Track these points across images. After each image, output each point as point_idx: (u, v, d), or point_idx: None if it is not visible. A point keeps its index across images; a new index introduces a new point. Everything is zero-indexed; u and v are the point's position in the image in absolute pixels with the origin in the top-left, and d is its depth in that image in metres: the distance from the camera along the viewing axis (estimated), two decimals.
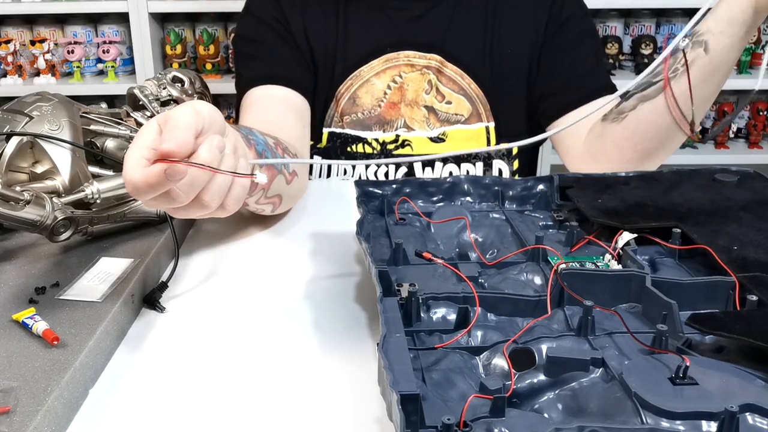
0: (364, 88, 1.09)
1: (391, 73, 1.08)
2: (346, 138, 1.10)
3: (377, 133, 1.10)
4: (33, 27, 2.25)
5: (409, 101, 1.09)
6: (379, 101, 1.09)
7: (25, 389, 0.52)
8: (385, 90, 1.09)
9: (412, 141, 1.10)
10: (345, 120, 1.10)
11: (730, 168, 0.83)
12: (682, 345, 0.54)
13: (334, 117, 1.11)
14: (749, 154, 2.29)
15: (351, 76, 1.09)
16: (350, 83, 1.09)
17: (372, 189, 0.81)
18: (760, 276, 0.60)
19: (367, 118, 1.10)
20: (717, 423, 0.44)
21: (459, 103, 1.09)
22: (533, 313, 0.60)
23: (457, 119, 1.09)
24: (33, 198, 0.68)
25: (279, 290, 0.74)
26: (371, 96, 1.09)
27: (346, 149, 1.11)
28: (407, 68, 1.08)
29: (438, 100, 1.09)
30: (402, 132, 1.09)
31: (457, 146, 1.09)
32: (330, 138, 1.11)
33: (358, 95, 1.09)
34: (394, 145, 1.10)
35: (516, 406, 0.50)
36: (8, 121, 0.75)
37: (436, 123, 1.09)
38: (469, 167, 1.11)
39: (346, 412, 0.56)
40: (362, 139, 1.10)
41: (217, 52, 2.18)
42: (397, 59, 1.08)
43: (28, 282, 0.68)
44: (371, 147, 1.10)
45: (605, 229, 0.72)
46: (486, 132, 1.10)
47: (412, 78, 1.08)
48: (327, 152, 1.12)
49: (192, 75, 0.96)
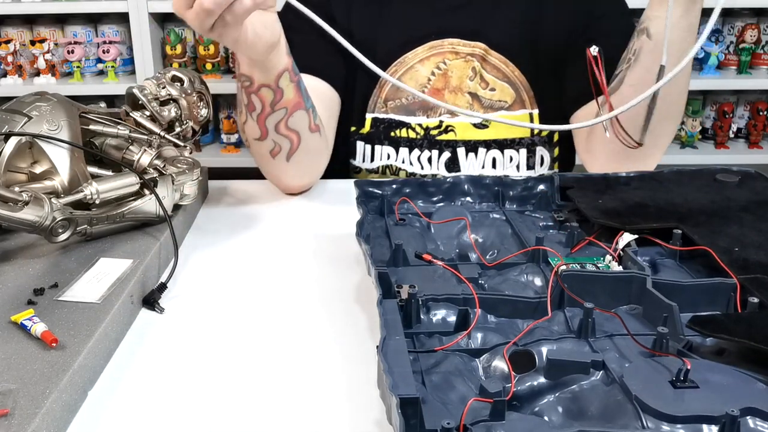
0: (408, 74, 1.11)
1: (435, 60, 1.10)
2: (390, 123, 1.12)
3: (421, 118, 1.11)
4: (33, 27, 2.25)
5: (453, 87, 1.10)
6: (423, 87, 1.10)
7: (24, 391, 0.52)
8: (429, 76, 1.10)
9: (456, 126, 1.11)
10: (389, 105, 1.12)
11: (731, 168, 0.83)
12: (682, 347, 0.54)
13: (377, 102, 1.12)
14: (749, 154, 2.28)
15: (395, 62, 1.11)
16: (394, 69, 1.11)
17: (372, 189, 0.80)
18: (762, 278, 0.60)
19: (411, 104, 1.11)
20: (718, 427, 0.44)
21: (503, 90, 1.10)
22: (533, 315, 0.60)
23: (501, 106, 1.11)
24: (31, 198, 0.68)
25: (278, 292, 0.74)
26: (415, 82, 1.10)
27: (390, 134, 1.12)
28: (451, 55, 1.10)
29: (482, 87, 1.10)
30: (445, 118, 1.11)
31: (500, 133, 1.11)
32: (373, 123, 1.13)
33: (402, 81, 1.10)
34: (438, 130, 1.11)
35: (516, 408, 0.49)
36: (7, 121, 0.75)
37: (480, 109, 1.11)
38: (512, 153, 1.12)
39: (345, 415, 0.55)
40: (406, 124, 1.11)
41: (217, 52, 2.18)
42: (441, 46, 1.10)
43: (27, 283, 0.67)
44: (415, 132, 1.11)
45: (606, 230, 0.72)
46: (530, 119, 1.11)
47: (456, 65, 1.10)
48: (370, 137, 1.13)
49: (191, 74, 0.95)
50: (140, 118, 0.86)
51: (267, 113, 0.93)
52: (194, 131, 0.93)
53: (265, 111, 0.93)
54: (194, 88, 0.93)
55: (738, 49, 2.22)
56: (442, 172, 1.12)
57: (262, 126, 0.94)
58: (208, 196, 0.99)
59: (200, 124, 0.94)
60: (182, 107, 0.90)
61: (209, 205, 0.96)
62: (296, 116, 0.94)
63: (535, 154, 1.13)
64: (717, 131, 2.29)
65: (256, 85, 0.91)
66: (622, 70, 0.96)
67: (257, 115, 0.94)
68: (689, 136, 2.27)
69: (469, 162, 1.11)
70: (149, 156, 0.81)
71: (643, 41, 0.91)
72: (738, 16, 2.24)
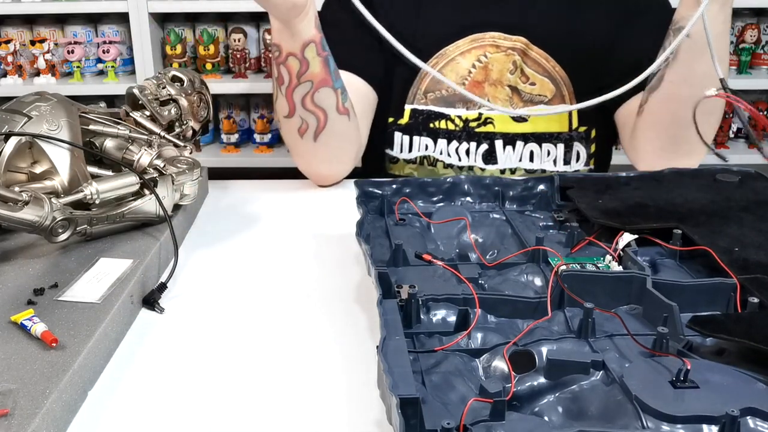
0: (449, 66, 1.11)
1: (476, 52, 1.11)
2: (429, 114, 1.13)
3: (460, 110, 1.12)
4: (33, 27, 2.25)
5: (493, 80, 1.11)
6: (464, 79, 1.11)
7: (24, 391, 0.52)
8: (469, 69, 1.11)
9: (495, 119, 1.11)
10: (429, 97, 1.12)
11: (731, 168, 0.83)
12: (682, 347, 0.54)
13: (417, 94, 1.13)
14: (749, 154, 2.28)
15: (436, 54, 1.11)
16: (435, 62, 1.11)
17: (372, 189, 0.80)
18: (761, 278, 0.60)
19: (451, 96, 1.12)
20: (718, 427, 0.44)
21: (543, 84, 1.11)
22: (533, 315, 0.60)
23: (540, 100, 1.11)
24: (31, 198, 0.68)
25: (278, 292, 0.74)
26: (456, 74, 1.11)
27: (429, 125, 1.13)
28: (492, 49, 1.11)
29: (522, 81, 1.11)
30: (485, 110, 1.11)
31: (538, 126, 1.11)
32: (412, 114, 1.14)
33: (443, 73, 1.11)
34: (477, 122, 1.12)
35: (516, 408, 0.49)
36: (7, 121, 0.75)
37: (519, 103, 1.11)
38: (549, 147, 1.12)
39: (345, 415, 0.55)
40: (445, 116, 1.12)
41: (217, 52, 2.18)
42: (482, 39, 1.11)
43: (27, 283, 0.67)
44: (454, 124, 1.12)
45: (606, 230, 0.72)
46: (569, 114, 1.12)
47: (497, 58, 1.10)
48: (409, 128, 1.14)
49: (191, 74, 0.96)
50: (140, 118, 0.86)
51: (294, 85, 0.97)
52: (194, 131, 0.93)
53: (292, 83, 0.97)
54: (194, 88, 0.94)
55: (738, 49, 2.22)
56: (479, 164, 1.13)
57: (290, 100, 0.98)
58: (208, 196, 0.99)
59: (200, 124, 0.94)
60: (182, 107, 0.90)
61: (209, 205, 0.96)
62: (322, 92, 0.98)
63: (572, 149, 1.13)
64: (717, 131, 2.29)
65: (284, 54, 0.95)
66: (662, 68, 0.98)
67: (285, 89, 0.98)
68: None
69: (506, 154, 1.12)
70: (149, 156, 0.81)
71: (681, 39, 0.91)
72: (738, 16, 2.24)
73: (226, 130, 2.24)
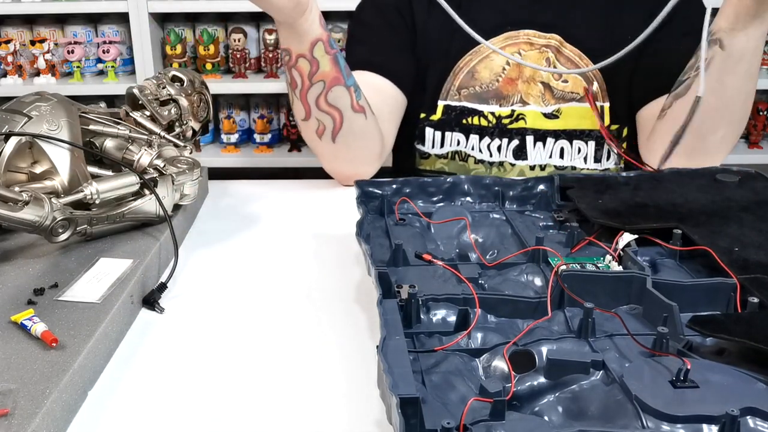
0: (483, 63, 1.12)
1: (510, 50, 1.11)
2: (462, 110, 1.13)
3: (494, 107, 1.12)
4: (33, 27, 2.25)
5: (526, 78, 1.12)
6: (498, 76, 1.12)
7: (24, 391, 0.52)
8: (504, 66, 1.12)
9: (527, 115, 1.12)
10: (462, 93, 1.13)
11: (731, 168, 0.83)
12: (682, 347, 0.54)
13: (450, 90, 1.14)
14: (749, 154, 2.28)
15: (471, 51, 1.13)
16: (470, 59, 1.12)
17: (372, 189, 0.80)
18: (761, 278, 0.60)
19: (485, 92, 1.12)
20: (718, 427, 0.44)
21: (575, 81, 1.11)
22: (533, 315, 0.60)
23: (573, 97, 1.12)
24: (32, 198, 0.68)
25: (278, 291, 0.74)
26: (490, 71, 1.12)
27: (461, 121, 1.14)
28: (526, 46, 1.11)
29: (555, 78, 1.11)
30: (518, 107, 1.12)
31: (569, 123, 1.12)
32: (445, 110, 1.14)
33: (477, 70, 1.12)
34: (509, 119, 1.12)
35: (516, 408, 0.49)
36: (7, 121, 0.75)
37: (551, 100, 1.12)
38: (580, 144, 1.12)
39: (345, 415, 0.55)
40: (479, 112, 1.13)
41: (217, 52, 2.18)
42: (517, 37, 1.12)
43: (27, 283, 0.67)
44: (486, 120, 1.12)
45: (606, 230, 0.72)
46: (600, 111, 1.12)
47: (530, 56, 1.11)
48: (441, 124, 1.15)
49: (191, 74, 0.96)
50: (140, 118, 0.86)
51: (307, 87, 0.99)
52: (194, 131, 0.93)
53: (305, 85, 0.99)
54: (194, 88, 0.94)
55: None
56: (509, 159, 1.13)
57: (305, 102, 1.00)
58: (208, 196, 0.99)
59: (200, 124, 0.94)
60: (182, 107, 0.90)
61: (209, 205, 0.96)
62: (335, 92, 0.99)
63: (603, 146, 1.13)
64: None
65: (294, 57, 0.98)
66: (690, 77, 0.98)
67: (299, 92, 1.00)
68: None
69: (537, 151, 1.12)
70: (149, 156, 0.81)
71: (715, 51, 0.92)
72: None
73: (226, 130, 2.24)
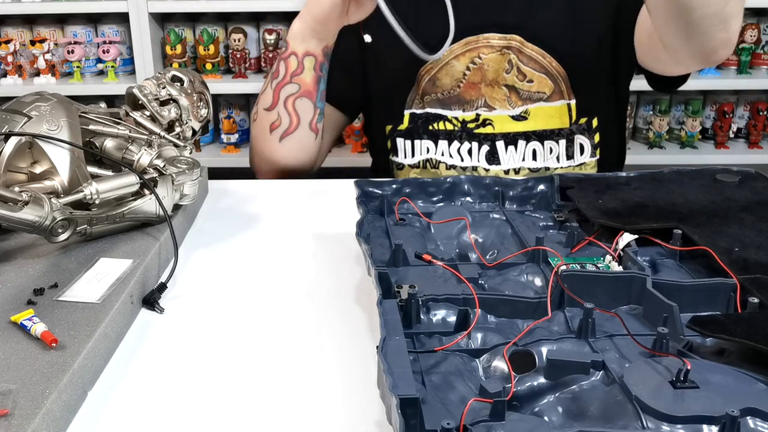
0: (444, 70, 1.12)
1: (470, 55, 1.11)
2: (427, 116, 1.14)
3: (457, 111, 1.13)
4: (33, 27, 2.25)
5: (489, 81, 1.11)
6: (458, 81, 1.12)
7: (24, 392, 0.52)
8: (464, 71, 1.12)
9: (494, 119, 1.12)
10: (426, 100, 1.14)
11: (731, 168, 0.83)
12: (682, 348, 0.54)
13: (414, 99, 1.15)
14: (749, 154, 2.28)
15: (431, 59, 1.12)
16: (430, 67, 1.13)
17: (372, 189, 0.80)
18: (762, 278, 0.60)
19: (447, 98, 1.13)
20: (718, 427, 0.44)
21: (541, 81, 1.11)
22: (533, 315, 0.60)
23: (540, 97, 1.11)
24: (31, 198, 0.68)
25: (278, 292, 0.74)
26: (450, 77, 1.12)
27: (428, 127, 1.15)
28: (486, 49, 1.11)
29: (519, 79, 1.11)
30: (482, 111, 1.12)
31: (538, 124, 1.12)
32: (411, 119, 1.15)
33: (438, 77, 1.13)
34: (475, 123, 1.12)
35: (516, 409, 0.49)
36: (7, 121, 0.75)
37: (518, 101, 1.11)
38: (552, 144, 1.13)
39: (345, 415, 0.55)
40: (443, 117, 1.13)
41: (217, 52, 2.18)
42: (476, 42, 1.12)
43: (27, 283, 0.67)
44: (452, 124, 1.13)
45: (606, 230, 0.72)
46: (568, 109, 1.12)
47: (491, 58, 1.11)
48: (410, 133, 1.16)
49: (191, 74, 0.95)
50: (140, 118, 0.86)
51: (285, 83, 1.05)
52: (194, 131, 0.93)
53: (284, 80, 1.05)
54: (194, 88, 0.93)
55: (738, 49, 2.22)
56: (482, 164, 1.13)
57: (276, 94, 1.06)
58: (208, 196, 0.99)
59: (200, 124, 0.94)
60: (182, 107, 0.90)
61: (209, 205, 0.96)
62: (304, 102, 1.06)
63: (573, 143, 1.13)
64: (717, 131, 2.29)
65: (289, 51, 1.05)
66: None
67: (277, 83, 1.06)
68: (689, 136, 2.27)
69: (509, 155, 1.12)
70: (149, 156, 0.81)
71: None
72: None
73: (226, 130, 2.24)
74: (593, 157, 1.15)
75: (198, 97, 0.93)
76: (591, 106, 1.13)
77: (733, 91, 2.29)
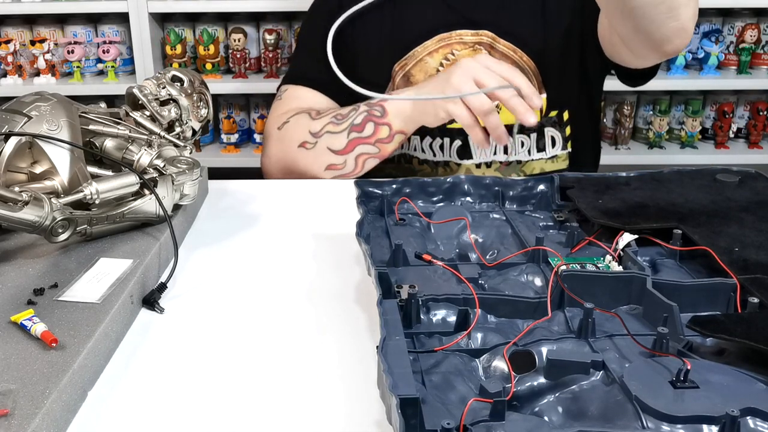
0: (418, 66, 1.14)
1: (443, 51, 1.12)
2: None
3: None
4: (33, 27, 2.25)
5: None
6: None
7: (24, 392, 0.52)
8: (437, 67, 1.13)
9: None
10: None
11: (731, 168, 0.83)
12: (682, 348, 0.54)
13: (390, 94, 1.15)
14: (749, 154, 2.28)
15: (405, 56, 1.14)
16: (404, 63, 1.14)
17: (372, 189, 0.80)
18: (762, 278, 0.60)
19: None
20: (718, 427, 0.44)
21: None
22: (533, 315, 0.60)
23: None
24: (31, 198, 0.68)
25: (278, 291, 0.74)
26: (424, 73, 1.13)
27: None
28: (459, 46, 1.12)
29: None
30: None
31: (508, 118, 1.10)
32: None
33: (412, 73, 1.14)
34: None
35: (516, 409, 0.49)
36: (6, 121, 0.75)
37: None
38: (522, 138, 1.14)
39: (345, 415, 0.55)
40: None
41: (217, 52, 2.18)
42: (449, 38, 1.13)
43: (27, 283, 0.67)
44: None
45: (606, 230, 0.72)
46: None
47: (464, 55, 1.11)
48: None
49: (191, 74, 0.95)
50: (140, 118, 0.86)
51: (366, 142, 1.05)
52: (194, 131, 0.93)
53: (367, 140, 1.05)
54: (194, 88, 0.93)
55: (738, 49, 2.22)
56: (454, 159, 1.14)
57: (352, 146, 1.05)
58: (208, 196, 0.99)
59: (200, 124, 0.94)
60: (182, 107, 0.90)
61: (209, 205, 0.96)
62: (374, 161, 1.06)
63: (544, 135, 1.14)
64: (717, 131, 2.29)
65: (384, 121, 1.04)
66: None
67: (356, 137, 1.05)
68: (689, 136, 2.27)
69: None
70: (149, 156, 0.81)
71: None
72: (738, 16, 2.24)
73: (226, 130, 2.24)
74: (564, 149, 1.16)
75: (198, 97, 0.93)
76: (561, 100, 1.14)
77: (733, 91, 2.29)
